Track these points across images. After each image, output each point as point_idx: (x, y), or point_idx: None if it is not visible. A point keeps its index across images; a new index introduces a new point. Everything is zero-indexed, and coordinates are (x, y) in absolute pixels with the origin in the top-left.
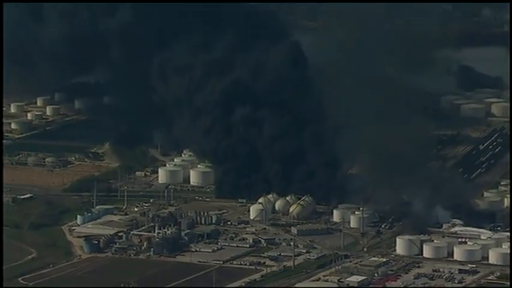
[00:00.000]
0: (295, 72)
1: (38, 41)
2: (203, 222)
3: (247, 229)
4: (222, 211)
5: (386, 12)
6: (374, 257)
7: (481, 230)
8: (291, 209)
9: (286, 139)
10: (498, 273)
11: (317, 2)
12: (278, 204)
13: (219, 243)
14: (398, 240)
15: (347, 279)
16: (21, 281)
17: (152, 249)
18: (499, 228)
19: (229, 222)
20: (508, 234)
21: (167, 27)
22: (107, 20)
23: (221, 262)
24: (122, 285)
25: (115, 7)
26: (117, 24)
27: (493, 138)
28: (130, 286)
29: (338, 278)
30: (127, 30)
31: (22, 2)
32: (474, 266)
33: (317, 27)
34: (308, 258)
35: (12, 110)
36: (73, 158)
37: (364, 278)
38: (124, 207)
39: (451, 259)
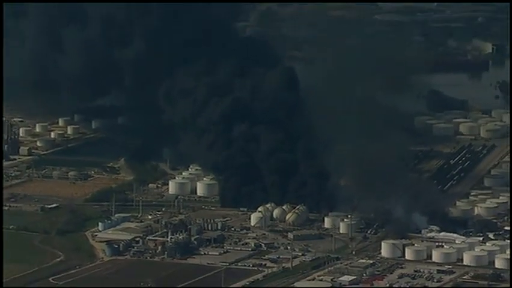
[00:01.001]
0: (289, 94)
1: (60, 69)
2: (210, 228)
3: (249, 235)
4: (226, 219)
5: (366, 42)
6: (362, 259)
7: (455, 235)
8: (287, 217)
9: (281, 153)
10: (472, 273)
11: (320, 2)
12: (276, 213)
13: (225, 247)
14: (382, 244)
15: (339, 278)
16: (52, 281)
17: (166, 252)
18: (470, 233)
19: (232, 229)
20: (480, 239)
21: (174, 55)
22: (122, 50)
23: (227, 264)
24: (141, 284)
25: (129, 38)
26: (130, 53)
27: (462, 154)
28: (149, 286)
29: (331, 277)
30: (139, 59)
31: (22, 2)
32: (450, 267)
33: (305, 57)
34: (304, 260)
35: (38, 129)
36: (93, 172)
37: (354, 277)
38: (139, 216)
39: (430, 261)
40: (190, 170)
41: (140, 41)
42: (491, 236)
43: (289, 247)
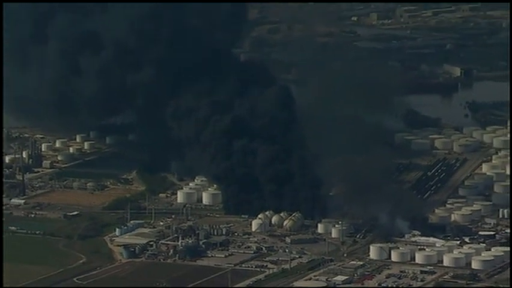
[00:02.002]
0: (283, 112)
1: (77, 91)
2: (215, 233)
3: (251, 239)
4: (229, 225)
5: (349, 66)
6: (353, 260)
7: (435, 239)
8: (284, 223)
9: (277, 164)
10: (451, 274)
11: (319, 2)
12: (274, 219)
13: (229, 250)
14: (371, 247)
15: (333, 278)
16: (76, 281)
17: (177, 255)
18: (448, 238)
19: (236, 234)
20: (457, 242)
21: (180, 78)
22: (134, 74)
23: (232, 265)
24: (157, 284)
25: (140, 64)
26: (141, 77)
27: (437, 166)
28: (164, 285)
29: (326, 277)
30: (149, 82)
31: (22, 1)
32: (432, 267)
33: (294, 79)
34: (301, 262)
35: (58, 145)
36: (108, 183)
37: (346, 277)
38: (152, 222)
39: (414, 262)
40: (196, 181)
41: (150, 66)
42: (467, 240)
43: (287, 250)
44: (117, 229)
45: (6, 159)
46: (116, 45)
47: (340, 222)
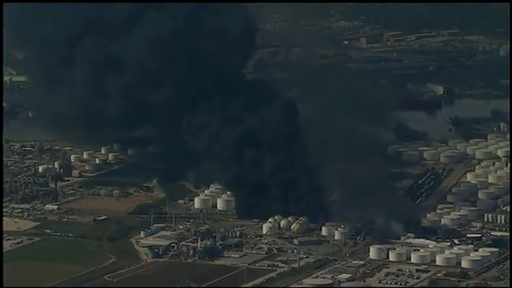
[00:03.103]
0: (288, 124)
1: (102, 109)
2: (230, 236)
3: (262, 241)
4: (242, 228)
5: (344, 85)
6: (355, 260)
7: (428, 241)
8: (292, 226)
9: (282, 172)
10: (444, 272)
11: (320, 2)
12: (282, 223)
13: (243, 251)
14: (371, 248)
15: (338, 276)
16: (107, 279)
17: (196, 255)
18: (440, 239)
19: (248, 236)
20: (448, 244)
21: (194, 96)
22: (153, 92)
23: (247, 264)
24: (181, 282)
25: (159, 83)
26: (160, 95)
27: (427, 175)
28: (186, 282)
29: (331, 275)
30: (167, 100)
31: (23, 1)
32: (426, 266)
33: (295, 97)
34: (308, 262)
35: (85, 156)
36: (132, 190)
37: (350, 275)
38: (172, 226)
39: (409, 262)
40: (211, 188)
41: (168, 86)
42: (456, 241)
43: (295, 251)
44: (142, 232)
45: (40, 169)
46: (137, 67)
47: (342, 226)
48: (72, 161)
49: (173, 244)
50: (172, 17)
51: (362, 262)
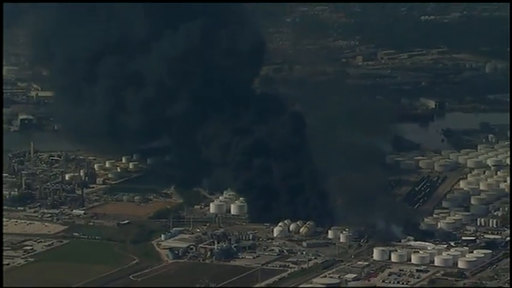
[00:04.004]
0: (295, 135)
1: (123, 122)
2: (244, 238)
3: (273, 243)
4: (255, 231)
5: (343, 99)
6: (359, 261)
7: (426, 243)
8: (300, 230)
9: (290, 179)
10: (442, 272)
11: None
12: (292, 227)
13: (256, 253)
14: (374, 250)
15: (344, 276)
16: (132, 278)
17: (213, 256)
18: (437, 242)
19: (260, 239)
20: (445, 246)
21: (208, 109)
22: (170, 106)
23: (260, 265)
24: (200, 281)
25: (176, 98)
26: (177, 109)
27: (423, 183)
28: (206, 282)
29: (338, 275)
30: (183, 113)
31: (23, 1)
32: (425, 267)
33: (299, 110)
34: (316, 262)
35: (107, 165)
36: (152, 197)
37: (355, 275)
38: (190, 229)
39: (410, 263)
40: (225, 194)
41: (184, 100)
42: (452, 244)
43: (304, 252)
44: (162, 235)
45: (66, 176)
46: (155, 82)
47: (346, 229)
48: (96, 169)
49: (191, 246)
50: (188, 36)
51: (366, 263)
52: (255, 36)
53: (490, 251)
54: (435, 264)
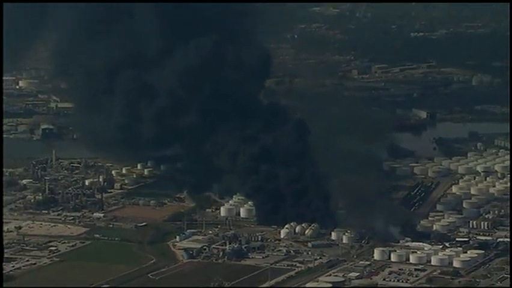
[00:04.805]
0: (299, 142)
1: (138, 132)
2: (253, 240)
3: (281, 244)
4: (263, 233)
5: (342, 110)
6: (361, 261)
7: (423, 244)
8: (306, 232)
9: (295, 183)
10: (438, 271)
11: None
12: (297, 229)
13: (265, 253)
14: (375, 250)
15: (348, 274)
16: (150, 276)
17: (225, 256)
18: (433, 243)
19: (268, 240)
20: (440, 247)
21: (217, 119)
22: (182, 117)
23: (269, 264)
24: (214, 280)
25: (187, 110)
26: (188, 120)
27: (418, 188)
28: (221, 283)
29: (342, 274)
30: (194, 123)
31: (23, 1)
32: (423, 266)
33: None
34: (321, 262)
35: (124, 171)
36: (166, 201)
37: (358, 274)
38: (203, 231)
39: (409, 262)
40: (234, 198)
41: (195, 111)
42: (447, 244)
43: (310, 253)
44: (177, 236)
45: (86, 182)
46: (168, 94)
47: (348, 231)
48: (113, 175)
49: (205, 247)
50: (198, 51)
51: (368, 262)
52: (261, 51)
53: (483, 251)
54: (432, 263)
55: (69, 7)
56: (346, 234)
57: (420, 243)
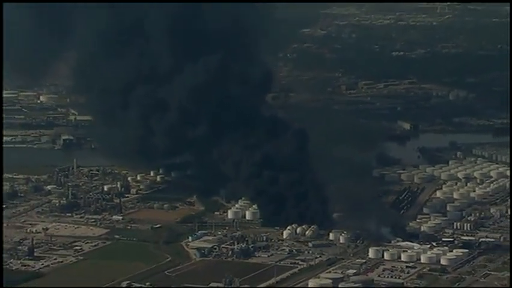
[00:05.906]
0: (299, 150)
1: (151, 143)
2: (259, 240)
3: (284, 244)
4: (267, 233)
5: (335, 122)
6: (358, 259)
7: (412, 243)
8: (306, 232)
9: (296, 187)
10: (428, 268)
11: (320, 2)
12: (298, 230)
13: (270, 252)
14: (370, 249)
15: (346, 271)
16: (167, 273)
17: (234, 255)
18: (421, 242)
19: (272, 240)
20: (428, 246)
21: (223, 130)
22: (191, 129)
23: (274, 262)
24: (225, 276)
25: (196, 121)
26: (197, 131)
27: (405, 193)
28: (232, 279)
29: (341, 271)
30: (202, 135)
31: (23, 2)
32: (413, 263)
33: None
34: (321, 260)
35: (138, 177)
36: (178, 204)
37: (355, 270)
38: (212, 232)
39: (400, 260)
40: (240, 202)
41: (203, 122)
42: (434, 244)
43: (310, 252)
44: (189, 237)
45: (105, 188)
46: (179, 108)
47: (345, 232)
48: (129, 181)
49: (215, 246)
50: (206, 68)
51: (363, 260)
52: (263, 67)
53: (467, 250)
54: (422, 261)
55: (88, 27)
56: (343, 234)
57: (410, 243)
